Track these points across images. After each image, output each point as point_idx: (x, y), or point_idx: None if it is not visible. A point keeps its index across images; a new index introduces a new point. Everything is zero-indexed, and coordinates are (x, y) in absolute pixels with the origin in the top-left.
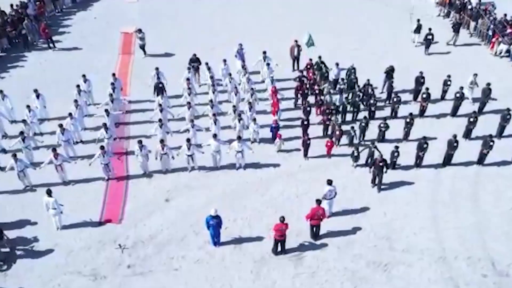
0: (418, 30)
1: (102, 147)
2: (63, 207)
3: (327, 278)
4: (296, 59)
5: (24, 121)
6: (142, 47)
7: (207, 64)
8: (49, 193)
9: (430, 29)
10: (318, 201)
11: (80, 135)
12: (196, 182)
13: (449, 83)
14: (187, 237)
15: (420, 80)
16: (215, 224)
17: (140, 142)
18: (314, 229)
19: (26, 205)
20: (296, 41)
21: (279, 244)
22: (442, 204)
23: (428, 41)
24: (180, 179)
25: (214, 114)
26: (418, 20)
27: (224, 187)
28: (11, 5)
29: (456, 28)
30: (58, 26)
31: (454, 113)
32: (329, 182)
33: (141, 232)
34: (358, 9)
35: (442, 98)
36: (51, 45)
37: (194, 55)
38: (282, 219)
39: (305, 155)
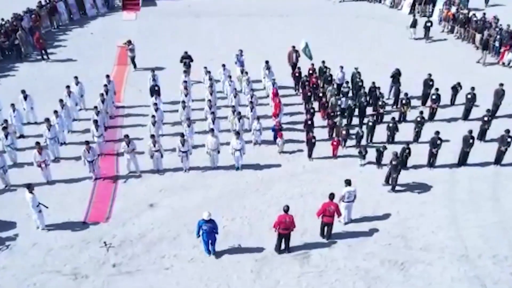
0: (414, 24)
1: (87, 142)
2: (46, 208)
3: (337, 277)
4: (294, 65)
5: (5, 121)
6: (132, 59)
7: (205, 68)
8: (28, 187)
9: (428, 17)
10: (332, 195)
11: (65, 137)
12: (192, 182)
13: (459, 88)
14: (180, 236)
15: (428, 83)
16: (209, 229)
17: (126, 136)
18: (326, 228)
19: (6, 204)
20: (293, 47)
21: (282, 240)
22: (461, 204)
23: (427, 28)
24: (174, 179)
25: (212, 112)
26: (414, 15)
27: (222, 187)
28: (2, 19)
29: (484, 46)
30: (54, 40)
31: (465, 116)
32: (348, 182)
33: (129, 230)
34: (360, 25)
35: (452, 103)
36: (44, 56)
37: (186, 52)
38: (286, 208)
39: (310, 155)
